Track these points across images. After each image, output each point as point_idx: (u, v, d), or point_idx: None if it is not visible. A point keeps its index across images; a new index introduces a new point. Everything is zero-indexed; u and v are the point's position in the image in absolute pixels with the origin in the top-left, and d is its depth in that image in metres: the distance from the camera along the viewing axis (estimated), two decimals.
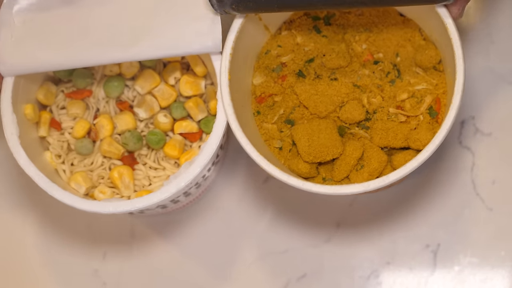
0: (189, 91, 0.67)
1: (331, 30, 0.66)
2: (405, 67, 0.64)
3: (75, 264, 0.76)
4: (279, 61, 0.66)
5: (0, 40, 0.63)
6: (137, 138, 0.67)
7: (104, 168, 0.68)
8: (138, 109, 0.68)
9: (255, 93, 0.66)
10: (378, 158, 0.62)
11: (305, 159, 0.62)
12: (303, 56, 0.65)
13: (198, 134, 0.68)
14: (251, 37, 0.64)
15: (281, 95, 0.65)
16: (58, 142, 0.68)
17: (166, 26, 0.62)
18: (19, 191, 0.77)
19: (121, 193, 0.67)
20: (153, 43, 0.62)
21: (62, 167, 0.68)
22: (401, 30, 0.65)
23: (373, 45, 0.65)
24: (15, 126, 0.64)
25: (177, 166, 0.67)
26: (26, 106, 0.66)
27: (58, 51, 0.62)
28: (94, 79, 0.69)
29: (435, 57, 0.63)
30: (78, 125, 0.67)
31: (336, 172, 0.63)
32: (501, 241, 0.72)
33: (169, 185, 0.62)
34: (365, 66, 0.65)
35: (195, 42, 0.62)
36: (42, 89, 0.68)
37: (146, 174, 0.68)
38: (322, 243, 0.74)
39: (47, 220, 0.77)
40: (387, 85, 0.64)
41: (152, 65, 0.68)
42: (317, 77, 0.65)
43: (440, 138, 0.59)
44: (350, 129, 0.64)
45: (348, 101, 0.64)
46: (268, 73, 0.66)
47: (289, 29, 0.66)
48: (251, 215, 0.75)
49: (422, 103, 0.63)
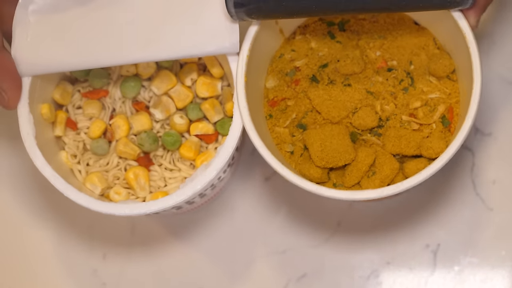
0: (206, 92, 0.67)
1: (346, 36, 0.66)
2: (418, 75, 0.64)
3: (75, 264, 0.75)
4: (293, 65, 0.66)
5: (16, 40, 0.62)
6: (153, 139, 0.67)
7: (120, 169, 0.68)
8: (154, 110, 0.67)
9: (268, 96, 0.66)
10: (390, 165, 0.62)
11: (318, 164, 0.62)
12: (317, 61, 0.65)
13: (214, 136, 0.68)
14: (266, 41, 0.64)
15: (294, 99, 0.65)
16: (74, 142, 0.68)
17: (183, 26, 0.61)
18: (30, 192, 0.76)
19: (136, 194, 0.67)
20: (170, 43, 0.61)
21: (77, 167, 0.67)
22: (416, 38, 0.65)
23: (387, 52, 0.65)
24: (32, 126, 0.63)
25: (192, 168, 0.67)
26: (43, 105, 0.66)
27: (75, 51, 0.62)
28: (110, 79, 0.68)
29: (449, 66, 0.63)
30: (94, 125, 0.67)
31: (347, 178, 0.63)
32: (501, 241, 0.73)
33: (185, 187, 0.62)
34: (378, 73, 0.64)
35: (212, 42, 0.61)
36: (59, 89, 0.68)
37: (162, 175, 0.67)
38: (322, 243, 0.74)
39: (47, 220, 0.76)
40: (400, 92, 0.64)
41: (168, 65, 0.68)
42: (331, 83, 0.65)
43: (454, 147, 0.59)
44: (362, 135, 0.64)
45: (361, 107, 0.63)
46: (282, 77, 0.66)
47: (304, 34, 0.66)
48: (252, 214, 0.75)
49: (435, 111, 0.63)
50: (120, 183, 0.67)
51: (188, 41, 0.61)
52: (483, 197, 0.73)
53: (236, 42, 0.61)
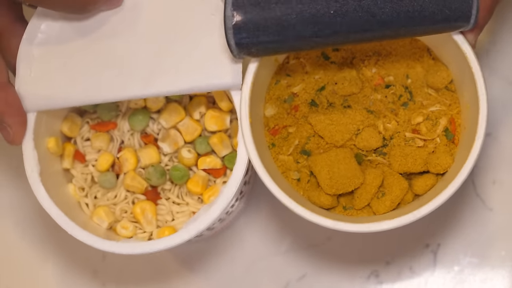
0: (214, 126, 0.66)
1: (339, 56, 0.65)
2: (416, 88, 0.64)
3: (75, 264, 0.75)
4: (290, 91, 0.65)
5: (20, 75, 0.61)
6: (160, 173, 0.66)
7: (127, 202, 0.67)
8: (162, 144, 0.66)
9: (268, 125, 0.65)
10: (399, 185, 0.62)
11: (327, 191, 0.62)
12: (314, 84, 0.64)
13: (222, 170, 0.67)
14: (264, 72, 0.63)
15: (294, 126, 0.64)
16: (82, 174, 0.67)
17: (185, 61, 0.60)
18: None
19: (143, 229, 0.66)
20: (172, 79, 0.60)
21: (85, 200, 0.67)
22: (409, 50, 0.64)
23: (383, 68, 0.64)
24: (36, 163, 0.62)
25: (200, 202, 0.67)
26: (49, 139, 0.65)
27: (78, 87, 0.61)
28: (119, 112, 0.67)
29: (447, 77, 0.63)
30: (102, 158, 0.66)
31: (357, 201, 0.63)
32: (501, 241, 0.73)
33: (188, 227, 0.62)
34: (376, 91, 0.64)
35: (215, 78, 0.60)
36: (67, 122, 0.67)
37: (170, 209, 0.67)
38: (322, 243, 0.74)
39: (47, 220, 0.76)
40: (401, 108, 0.63)
41: (178, 98, 0.67)
42: (330, 105, 0.64)
43: (468, 169, 0.59)
44: (368, 156, 0.63)
45: (363, 128, 0.63)
46: (280, 104, 0.65)
47: (297, 58, 0.65)
48: (253, 213, 0.75)
49: (437, 125, 0.63)
50: (127, 217, 0.67)
51: (189, 77, 0.60)
52: (483, 197, 0.74)
53: (239, 79, 0.60)
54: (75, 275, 0.75)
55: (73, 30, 0.62)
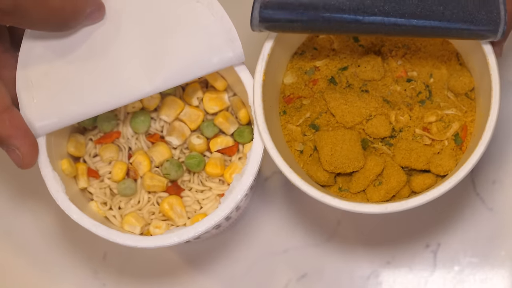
0: (215, 107, 0.67)
1: (369, 41, 0.65)
2: (437, 89, 0.64)
3: (75, 265, 0.75)
4: (313, 64, 0.65)
5: (23, 104, 0.61)
6: (177, 166, 0.66)
7: (152, 204, 0.67)
8: (170, 137, 0.67)
9: (284, 92, 0.65)
10: (397, 177, 0.62)
11: (326, 168, 0.62)
12: (337, 63, 0.65)
13: (235, 147, 0.67)
14: (289, 37, 0.64)
15: (309, 99, 0.65)
16: (100, 190, 0.67)
17: (183, 49, 0.61)
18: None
19: (175, 224, 0.66)
20: (175, 70, 0.61)
21: (111, 213, 0.66)
22: (439, 51, 0.65)
23: (409, 62, 0.65)
24: (60, 183, 0.62)
25: (222, 183, 0.67)
26: (62, 162, 0.65)
27: (83, 101, 0.61)
28: (118, 120, 0.67)
29: (469, 84, 0.63)
30: (116, 168, 0.66)
31: (354, 184, 0.63)
32: (501, 241, 0.73)
33: (226, 201, 0.62)
34: (397, 82, 0.64)
35: (216, 57, 0.61)
36: (72, 142, 0.67)
37: (195, 198, 0.67)
38: (323, 243, 0.74)
39: (46, 220, 0.76)
40: (417, 104, 0.64)
41: (172, 91, 0.67)
42: (348, 86, 0.64)
43: (465, 171, 0.59)
44: (374, 143, 0.63)
45: (375, 115, 0.63)
46: (300, 75, 0.65)
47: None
48: (253, 213, 0.75)
49: (449, 128, 0.63)
50: (157, 217, 0.67)
51: (191, 63, 0.60)
52: (483, 197, 0.74)
53: (240, 52, 0.61)
54: (75, 275, 0.75)
55: (64, 47, 0.61)
